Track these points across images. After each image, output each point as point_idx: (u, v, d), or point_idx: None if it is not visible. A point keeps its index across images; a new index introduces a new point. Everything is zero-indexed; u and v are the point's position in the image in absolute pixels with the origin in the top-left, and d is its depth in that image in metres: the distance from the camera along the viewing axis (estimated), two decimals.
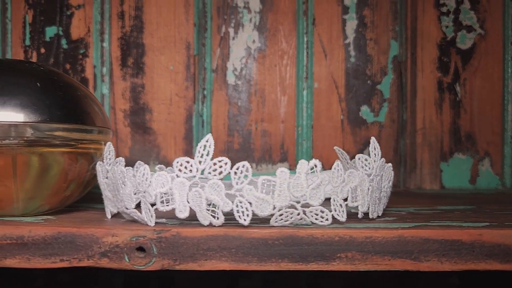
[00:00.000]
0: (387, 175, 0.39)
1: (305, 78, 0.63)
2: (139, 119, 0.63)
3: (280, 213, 0.34)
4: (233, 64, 0.64)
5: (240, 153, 0.63)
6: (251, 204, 0.33)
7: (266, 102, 0.64)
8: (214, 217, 0.34)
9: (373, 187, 0.37)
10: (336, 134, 0.64)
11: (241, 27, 0.63)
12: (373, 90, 0.64)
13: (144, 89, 0.63)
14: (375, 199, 0.38)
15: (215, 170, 0.33)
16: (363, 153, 0.63)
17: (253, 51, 0.64)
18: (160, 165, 0.44)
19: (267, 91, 0.64)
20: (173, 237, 0.33)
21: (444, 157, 0.64)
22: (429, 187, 0.64)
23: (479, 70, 0.63)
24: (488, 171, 0.64)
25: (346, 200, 0.36)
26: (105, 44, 0.63)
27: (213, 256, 0.33)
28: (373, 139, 0.38)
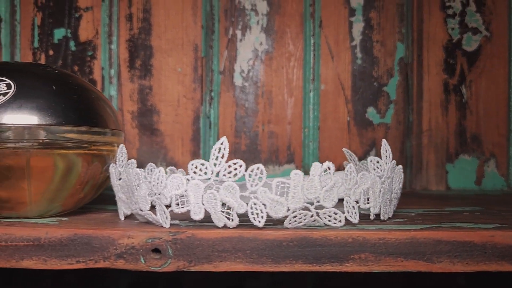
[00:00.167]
0: (398, 177, 0.40)
1: (312, 80, 0.64)
2: (146, 120, 0.64)
3: (294, 215, 0.34)
4: (241, 66, 0.64)
5: (247, 154, 0.64)
6: (265, 206, 0.34)
7: (273, 103, 0.64)
8: (228, 219, 0.34)
9: (385, 189, 0.37)
10: (342, 135, 0.64)
11: (248, 29, 0.64)
12: (379, 91, 0.64)
13: (151, 90, 0.64)
14: (386, 201, 0.38)
15: (229, 172, 0.34)
16: (369, 155, 0.63)
17: (260, 53, 0.64)
18: (171, 167, 0.44)
19: (274, 93, 0.64)
20: (188, 238, 0.33)
21: (450, 158, 0.64)
22: (435, 188, 0.64)
23: (484, 72, 0.64)
24: (493, 172, 0.64)
25: (358, 202, 0.36)
26: (113, 46, 0.64)
27: (228, 257, 0.33)
28: (384, 141, 0.38)
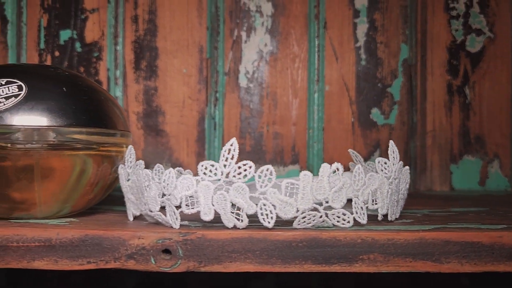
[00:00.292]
0: (405, 178, 0.40)
1: (316, 81, 0.64)
2: (152, 121, 0.64)
3: (303, 215, 0.34)
4: (245, 67, 0.64)
5: (251, 155, 0.64)
6: (275, 207, 0.34)
7: (277, 104, 0.64)
8: (238, 219, 0.34)
9: (392, 189, 0.38)
10: (347, 136, 0.64)
11: (253, 30, 0.64)
12: (383, 92, 0.64)
13: (157, 92, 0.64)
14: (394, 202, 0.38)
15: (239, 173, 0.34)
16: (374, 155, 0.64)
17: (265, 54, 0.64)
18: (179, 168, 0.45)
19: (279, 94, 0.64)
20: (198, 239, 0.34)
21: (453, 159, 0.64)
22: (439, 188, 0.64)
23: (488, 73, 0.64)
24: (497, 173, 0.64)
25: (366, 202, 0.37)
26: (119, 47, 0.64)
27: (238, 258, 0.34)
28: (392, 142, 0.39)
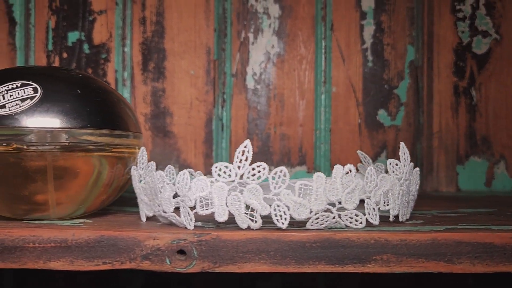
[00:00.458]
0: (415, 179, 0.40)
1: (323, 82, 0.65)
2: (159, 123, 0.64)
3: (316, 216, 0.35)
4: (253, 68, 0.65)
5: (259, 156, 0.64)
6: (288, 208, 0.34)
7: (285, 106, 0.65)
8: (252, 220, 0.35)
9: (403, 191, 0.38)
10: (353, 137, 0.65)
11: (260, 32, 0.65)
12: (390, 94, 0.65)
13: (164, 93, 0.64)
14: (405, 203, 0.39)
15: (253, 175, 0.34)
16: (380, 157, 0.64)
17: (272, 56, 0.65)
18: (189, 169, 0.45)
19: (286, 95, 0.65)
20: (213, 240, 0.34)
21: (460, 160, 0.65)
22: (445, 189, 0.65)
23: (494, 74, 0.65)
24: (503, 174, 0.65)
25: (377, 203, 0.37)
26: (127, 49, 0.64)
27: (252, 258, 0.34)
28: (403, 144, 0.39)
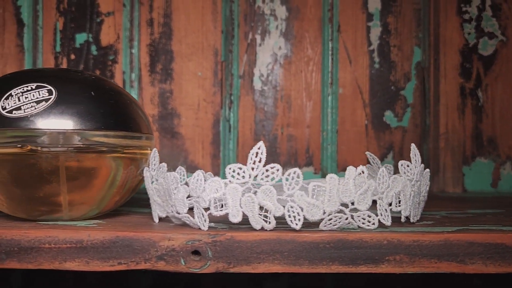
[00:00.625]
0: (425, 180, 0.41)
1: (330, 83, 0.65)
2: (167, 124, 0.65)
3: (329, 217, 0.35)
4: (260, 70, 0.65)
5: (266, 157, 0.64)
6: (302, 209, 0.35)
7: (292, 107, 0.65)
8: (266, 221, 0.35)
9: (415, 192, 0.38)
10: (360, 138, 0.65)
11: (267, 34, 0.65)
12: (396, 95, 0.65)
13: (172, 94, 0.65)
14: (416, 204, 0.39)
15: (267, 176, 0.35)
16: (387, 158, 0.64)
17: (279, 58, 0.65)
18: (200, 170, 0.45)
19: (293, 97, 0.65)
20: (227, 240, 0.34)
21: (466, 161, 0.65)
22: (452, 190, 0.65)
23: (500, 76, 0.65)
24: (509, 175, 0.65)
25: (390, 204, 0.37)
26: (134, 50, 0.64)
27: (266, 259, 0.34)
28: (413, 145, 0.39)
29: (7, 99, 0.36)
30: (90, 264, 0.35)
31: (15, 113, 0.36)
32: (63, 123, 0.36)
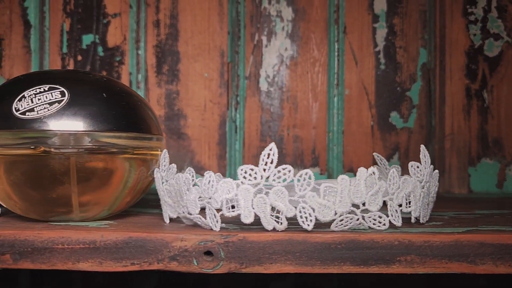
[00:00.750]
0: (434, 181, 0.41)
1: (336, 85, 0.65)
2: (173, 124, 0.65)
3: (340, 218, 0.35)
4: (266, 71, 0.65)
5: None
6: (313, 209, 0.35)
7: (298, 108, 0.65)
8: (277, 222, 0.35)
9: (424, 193, 0.39)
10: (366, 139, 0.65)
11: (273, 35, 0.65)
12: (402, 96, 0.65)
13: (178, 95, 0.65)
14: (425, 205, 0.39)
15: (279, 177, 0.35)
16: (393, 159, 0.64)
17: (285, 59, 0.65)
18: (209, 171, 0.45)
19: (299, 98, 0.65)
20: (239, 241, 0.34)
21: (472, 162, 0.65)
22: (458, 191, 0.65)
23: (506, 77, 0.65)
24: None
25: (400, 205, 0.37)
26: (141, 51, 0.65)
27: (278, 259, 0.34)
28: (423, 147, 0.40)
29: (20, 100, 0.36)
30: (103, 264, 0.35)
31: (28, 115, 0.36)
32: (76, 124, 0.36)
